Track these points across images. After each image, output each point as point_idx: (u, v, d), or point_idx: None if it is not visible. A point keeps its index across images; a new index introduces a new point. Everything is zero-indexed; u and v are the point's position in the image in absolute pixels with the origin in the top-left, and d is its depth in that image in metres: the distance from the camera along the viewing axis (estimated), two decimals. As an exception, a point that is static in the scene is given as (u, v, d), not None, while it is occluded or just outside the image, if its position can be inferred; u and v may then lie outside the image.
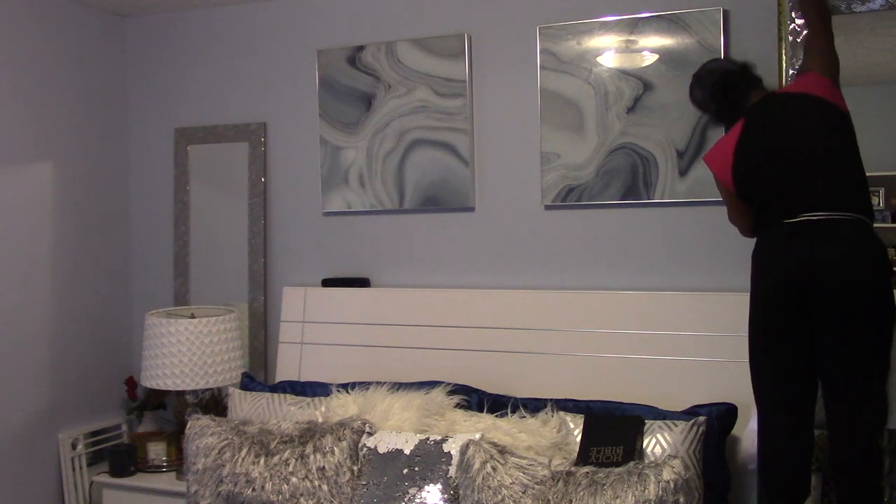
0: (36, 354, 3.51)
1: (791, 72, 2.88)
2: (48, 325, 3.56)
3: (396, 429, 2.87)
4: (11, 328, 3.41)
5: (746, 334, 2.70)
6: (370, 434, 2.85)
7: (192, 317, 3.42)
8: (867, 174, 2.52)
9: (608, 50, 3.16)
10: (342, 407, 3.03)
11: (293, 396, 3.19)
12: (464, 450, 2.60)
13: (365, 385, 3.11)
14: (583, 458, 2.60)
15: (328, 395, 3.13)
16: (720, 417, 2.70)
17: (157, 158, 3.97)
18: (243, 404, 3.21)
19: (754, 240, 3.02)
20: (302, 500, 2.75)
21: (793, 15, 2.88)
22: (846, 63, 2.59)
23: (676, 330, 2.99)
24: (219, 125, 3.84)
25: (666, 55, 3.08)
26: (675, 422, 2.66)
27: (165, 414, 3.83)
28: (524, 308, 3.21)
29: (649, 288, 3.12)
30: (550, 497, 2.42)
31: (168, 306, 3.80)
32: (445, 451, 2.70)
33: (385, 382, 3.08)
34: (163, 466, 3.60)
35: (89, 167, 3.79)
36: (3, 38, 3.39)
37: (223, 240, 3.85)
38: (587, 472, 2.45)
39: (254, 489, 2.80)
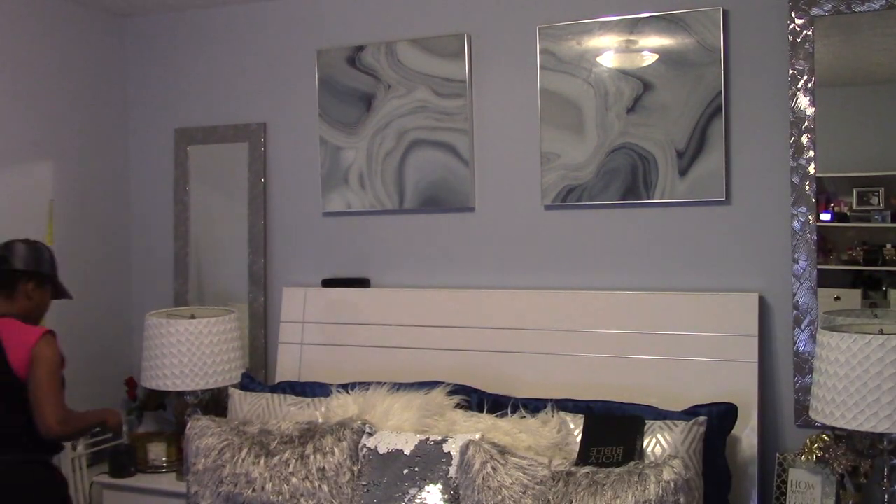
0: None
1: (791, 72, 2.88)
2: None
3: (396, 429, 2.87)
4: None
5: (746, 334, 2.71)
6: (370, 434, 2.85)
7: (192, 317, 3.42)
8: (868, 174, 2.52)
9: (608, 50, 3.16)
10: (342, 407, 3.02)
11: (293, 397, 3.19)
12: (464, 450, 2.60)
13: (365, 385, 3.10)
14: (583, 458, 2.60)
15: (328, 395, 3.13)
16: (720, 417, 2.70)
17: (157, 158, 3.97)
18: (243, 404, 3.21)
19: (756, 240, 3.04)
20: (302, 500, 2.75)
21: (793, 15, 2.88)
22: (846, 63, 2.59)
23: (676, 330, 2.99)
24: (219, 125, 3.84)
25: (666, 55, 3.07)
26: (675, 422, 2.65)
27: (165, 414, 3.83)
28: (524, 308, 3.21)
29: (649, 288, 3.12)
30: (550, 497, 2.42)
31: (168, 306, 3.80)
32: (445, 451, 2.69)
33: (385, 382, 3.08)
34: (163, 467, 3.60)
35: (89, 167, 3.79)
36: (3, 38, 3.39)
37: (223, 240, 3.85)
38: (587, 472, 2.45)
39: (254, 490, 2.80)
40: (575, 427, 2.74)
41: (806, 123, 2.87)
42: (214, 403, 3.62)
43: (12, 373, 2.73)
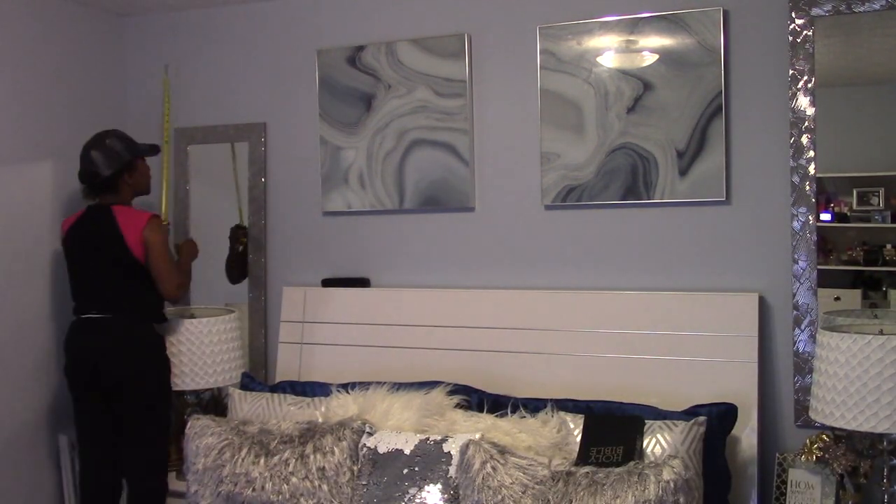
0: (36, 354, 3.50)
1: (791, 72, 2.88)
2: (48, 325, 3.56)
3: (396, 429, 2.87)
4: (11, 328, 3.40)
5: (746, 334, 2.69)
6: (370, 434, 2.85)
7: (192, 317, 3.43)
8: (868, 174, 2.52)
9: (608, 50, 3.16)
10: (342, 407, 3.03)
11: (293, 396, 3.19)
12: (464, 450, 2.60)
13: (365, 385, 3.10)
14: (583, 458, 2.60)
15: (328, 395, 3.13)
16: (720, 417, 2.70)
17: (156, 158, 3.95)
18: (243, 404, 3.21)
19: (756, 240, 3.04)
20: (302, 500, 2.75)
21: (793, 15, 2.88)
22: (846, 63, 2.59)
23: (676, 330, 2.99)
24: (219, 125, 3.84)
25: (666, 55, 3.07)
26: (675, 422, 2.66)
27: (165, 414, 3.83)
28: (524, 308, 3.21)
29: (649, 288, 3.12)
30: (550, 497, 2.42)
31: (168, 306, 3.79)
32: (445, 451, 2.69)
33: (385, 382, 3.08)
34: (163, 466, 3.60)
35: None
36: (3, 38, 3.39)
37: (223, 239, 3.85)
38: (587, 472, 2.45)
39: (254, 489, 2.80)
40: (575, 427, 2.74)
41: (806, 123, 2.87)
42: (214, 403, 3.63)
43: (130, 252, 3.21)
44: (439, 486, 2.64)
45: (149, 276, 3.28)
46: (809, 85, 2.86)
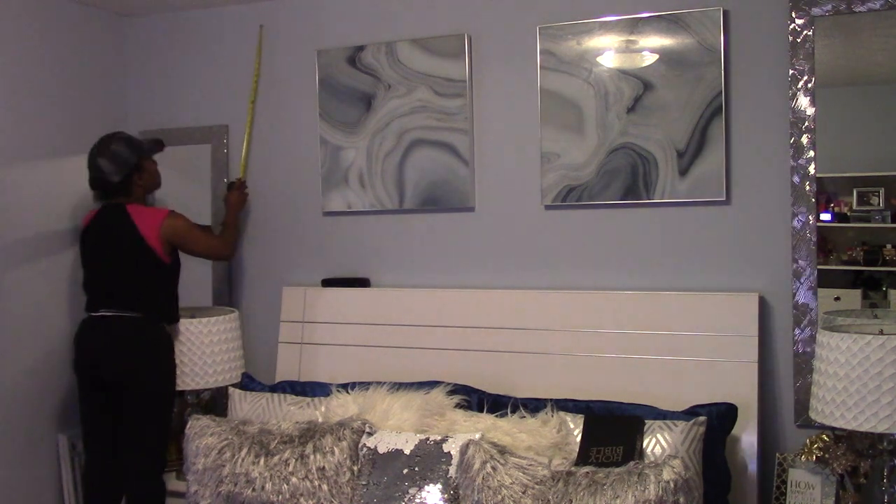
0: (36, 354, 3.50)
1: (791, 72, 2.88)
2: (47, 325, 3.56)
3: (396, 429, 2.87)
4: (11, 328, 3.40)
5: (746, 334, 2.69)
6: (370, 434, 2.85)
7: (193, 317, 3.42)
8: (868, 174, 2.52)
9: (608, 50, 3.16)
10: (342, 407, 3.03)
11: (293, 396, 3.19)
12: (464, 450, 2.60)
13: (365, 385, 3.11)
14: (583, 458, 2.60)
15: (328, 395, 3.13)
16: (720, 417, 2.70)
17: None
18: (243, 404, 3.21)
19: (756, 240, 3.04)
20: (302, 500, 2.75)
21: (793, 15, 2.88)
22: (846, 63, 2.60)
23: (676, 330, 2.99)
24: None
25: (666, 55, 3.07)
26: (675, 422, 2.66)
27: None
28: (524, 308, 3.21)
29: (649, 288, 3.12)
30: (550, 497, 2.42)
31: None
32: (445, 451, 2.69)
33: (385, 382, 3.08)
34: (163, 466, 3.60)
35: (89, 167, 3.79)
36: (3, 38, 3.39)
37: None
38: (587, 472, 2.45)
39: (254, 489, 2.80)
40: (575, 427, 2.75)
41: (806, 123, 2.87)
42: (214, 403, 3.63)
43: (151, 249, 3.23)
44: (439, 486, 2.64)
45: (164, 275, 3.30)
46: (809, 85, 2.86)
